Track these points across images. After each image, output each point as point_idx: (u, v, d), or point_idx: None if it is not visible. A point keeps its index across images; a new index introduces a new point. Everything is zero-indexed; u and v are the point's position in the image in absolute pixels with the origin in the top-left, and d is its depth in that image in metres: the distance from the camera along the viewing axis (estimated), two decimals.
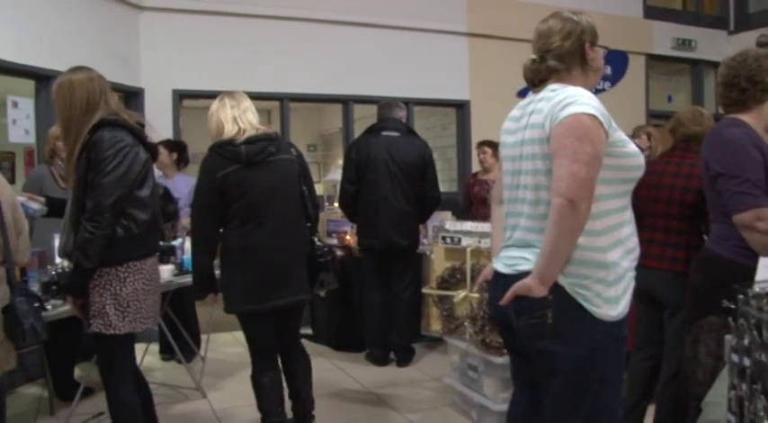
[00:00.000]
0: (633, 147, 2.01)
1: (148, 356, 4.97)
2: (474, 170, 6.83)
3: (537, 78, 2.10)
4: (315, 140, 11.39)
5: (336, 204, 5.54)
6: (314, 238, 3.40)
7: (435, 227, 4.34)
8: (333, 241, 5.45)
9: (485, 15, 7.51)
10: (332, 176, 7.85)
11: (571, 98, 1.91)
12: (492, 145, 5.93)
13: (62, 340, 3.94)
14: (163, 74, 6.19)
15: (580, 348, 1.92)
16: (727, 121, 2.55)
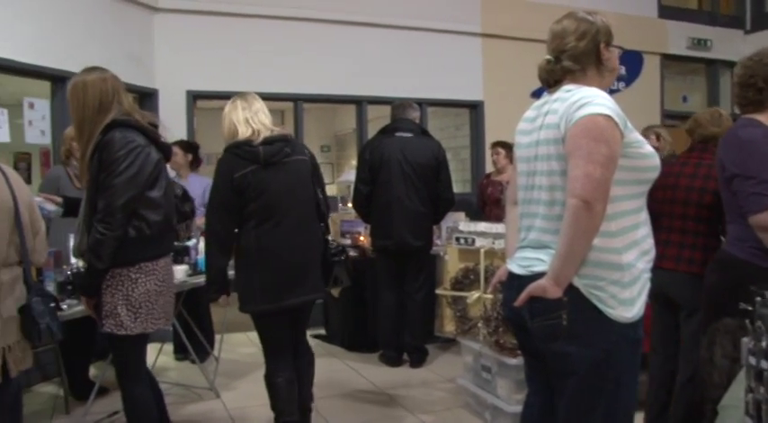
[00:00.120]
0: (649, 148, 2.00)
1: (162, 356, 5.00)
2: (487, 171, 6.81)
3: (552, 79, 2.09)
4: (328, 141, 11.39)
5: (350, 205, 5.54)
6: (327, 238, 3.43)
7: (449, 228, 4.33)
8: (346, 242, 5.45)
9: (498, 16, 7.49)
10: (345, 177, 7.85)
11: (586, 99, 1.90)
12: (505, 146, 5.93)
13: (77, 340, 3.97)
14: (177, 75, 6.22)
15: (595, 350, 1.91)
16: (743, 122, 2.53)
